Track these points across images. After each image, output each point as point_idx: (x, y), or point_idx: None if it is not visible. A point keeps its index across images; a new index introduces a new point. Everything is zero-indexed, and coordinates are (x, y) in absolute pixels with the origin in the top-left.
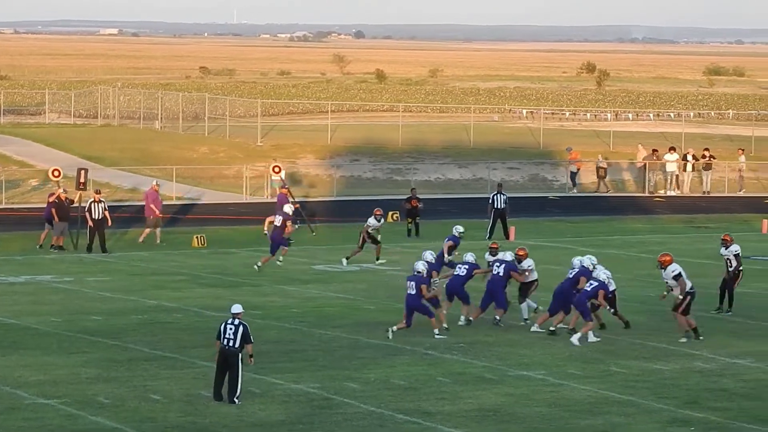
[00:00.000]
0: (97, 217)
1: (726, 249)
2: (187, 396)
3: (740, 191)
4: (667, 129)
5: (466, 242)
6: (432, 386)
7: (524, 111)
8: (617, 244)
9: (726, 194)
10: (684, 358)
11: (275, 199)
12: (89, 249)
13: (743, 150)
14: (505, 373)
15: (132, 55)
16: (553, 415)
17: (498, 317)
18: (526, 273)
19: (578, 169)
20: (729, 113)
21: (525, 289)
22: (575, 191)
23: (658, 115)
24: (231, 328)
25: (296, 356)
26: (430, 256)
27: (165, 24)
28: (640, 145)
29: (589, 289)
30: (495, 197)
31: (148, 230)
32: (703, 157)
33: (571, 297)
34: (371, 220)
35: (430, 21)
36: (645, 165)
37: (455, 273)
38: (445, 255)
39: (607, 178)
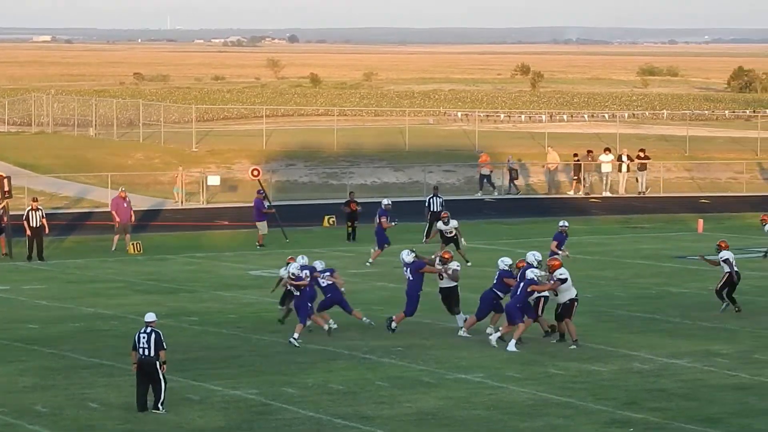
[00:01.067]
0: (35, 225)
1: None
2: (126, 404)
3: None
4: (601, 130)
5: (398, 245)
6: (370, 390)
7: (459, 113)
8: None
9: (662, 194)
10: (622, 359)
11: (211, 205)
12: (30, 258)
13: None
14: (443, 376)
15: (66, 62)
16: (492, 418)
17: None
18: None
19: (491, 172)
20: (663, 113)
21: (449, 297)
22: (495, 194)
23: (592, 116)
24: (144, 337)
25: (234, 362)
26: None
27: (98, 30)
28: (549, 148)
29: (518, 293)
30: (431, 200)
31: (117, 237)
32: (638, 157)
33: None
34: (439, 224)
35: (364, 24)
36: (557, 167)
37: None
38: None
39: (519, 180)
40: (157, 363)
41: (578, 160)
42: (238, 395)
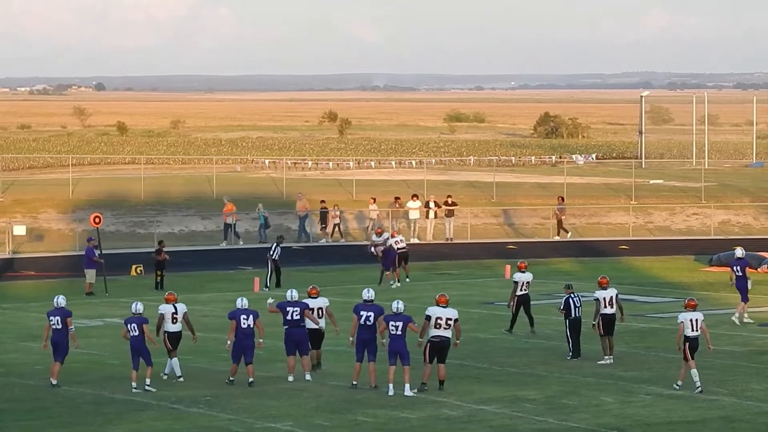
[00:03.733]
0: None
1: None
2: None
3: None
4: (409, 176)
5: (210, 294)
6: None
7: (267, 161)
8: (360, 292)
9: (469, 240)
10: (431, 406)
11: (17, 255)
12: None
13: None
14: (252, 425)
15: None
16: None
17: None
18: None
19: (235, 221)
20: (470, 159)
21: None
22: (240, 243)
23: (400, 162)
24: None
25: (41, 414)
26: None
27: None
28: (300, 194)
29: (400, 332)
30: (275, 249)
31: None
32: (446, 204)
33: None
34: (374, 237)
35: (171, 72)
36: (306, 214)
37: None
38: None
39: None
40: None
41: (324, 208)
42: None
